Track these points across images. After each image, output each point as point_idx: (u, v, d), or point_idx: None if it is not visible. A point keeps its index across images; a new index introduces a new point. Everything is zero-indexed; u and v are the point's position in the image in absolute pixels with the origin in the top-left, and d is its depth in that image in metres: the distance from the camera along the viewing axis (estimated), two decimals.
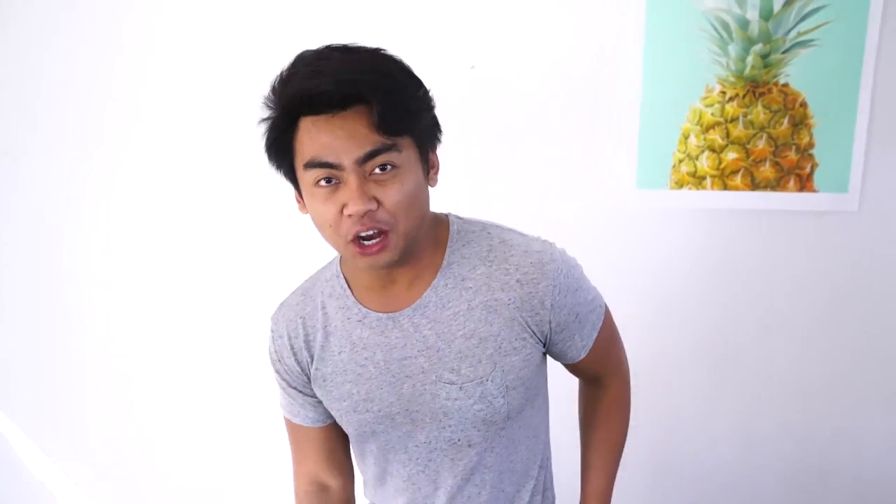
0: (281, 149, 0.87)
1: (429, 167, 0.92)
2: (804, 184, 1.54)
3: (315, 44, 0.88)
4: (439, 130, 0.93)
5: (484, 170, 1.59)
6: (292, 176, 0.89)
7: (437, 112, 0.93)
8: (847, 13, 1.44)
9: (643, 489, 1.74)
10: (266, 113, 0.88)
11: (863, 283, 1.58)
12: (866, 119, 1.49)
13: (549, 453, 1.13)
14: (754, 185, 1.56)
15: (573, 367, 1.08)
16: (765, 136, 1.53)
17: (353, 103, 0.81)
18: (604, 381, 1.10)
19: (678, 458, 1.72)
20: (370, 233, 0.85)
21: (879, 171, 1.52)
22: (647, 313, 1.59)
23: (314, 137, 0.83)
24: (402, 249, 0.88)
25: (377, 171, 0.84)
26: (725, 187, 1.56)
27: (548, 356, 1.04)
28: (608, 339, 1.06)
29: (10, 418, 1.94)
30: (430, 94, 0.90)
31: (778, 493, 1.72)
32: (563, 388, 1.14)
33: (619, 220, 1.59)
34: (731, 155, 1.55)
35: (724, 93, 1.52)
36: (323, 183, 0.84)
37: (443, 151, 0.96)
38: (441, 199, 1.01)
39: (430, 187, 0.93)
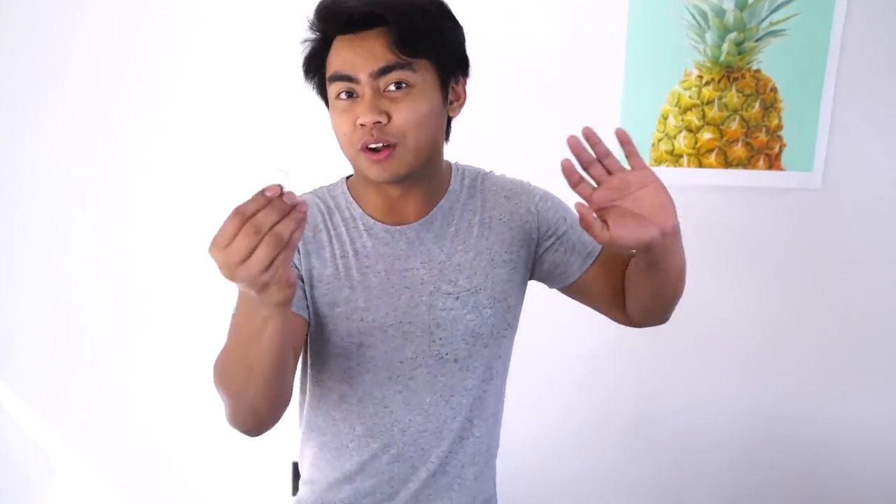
0: (313, 64, 0.96)
1: (450, 96, 0.98)
2: (773, 163, 1.67)
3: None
4: (467, 64, 0.99)
5: (472, 145, 1.69)
6: (324, 94, 0.97)
7: None
8: (815, 6, 1.57)
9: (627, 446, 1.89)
10: (307, 35, 0.95)
11: (825, 252, 1.73)
12: (830, 104, 1.62)
13: (496, 451, 1.15)
14: (727, 164, 1.68)
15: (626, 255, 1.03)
16: (738, 118, 1.66)
17: (376, 24, 0.89)
18: None
19: (661, 421, 1.86)
20: (378, 145, 0.91)
21: (841, 151, 1.65)
22: None
23: (339, 54, 0.91)
24: (411, 165, 0.93)
25: (392, 87, 0.90)
26: (701, 165, 1.69)
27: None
28: None
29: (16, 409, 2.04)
30: (461, 29, 0.96)
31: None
32: None
33: None
34: (706, 135, 1.67)
35: (701, 77, 1.64)
36: (343, 96, 0.92)
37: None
38: None
39: (450, 116, 0.99)
